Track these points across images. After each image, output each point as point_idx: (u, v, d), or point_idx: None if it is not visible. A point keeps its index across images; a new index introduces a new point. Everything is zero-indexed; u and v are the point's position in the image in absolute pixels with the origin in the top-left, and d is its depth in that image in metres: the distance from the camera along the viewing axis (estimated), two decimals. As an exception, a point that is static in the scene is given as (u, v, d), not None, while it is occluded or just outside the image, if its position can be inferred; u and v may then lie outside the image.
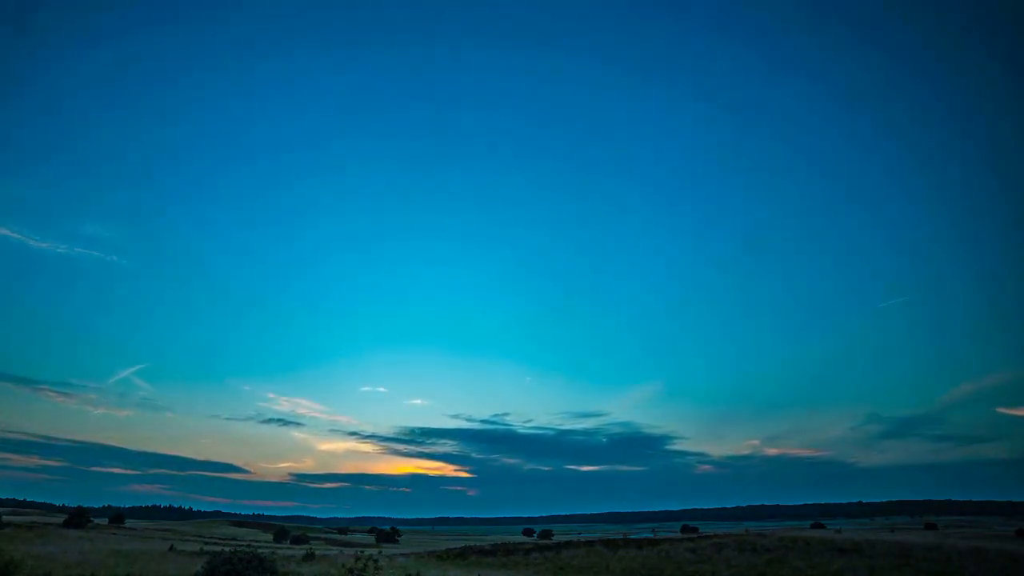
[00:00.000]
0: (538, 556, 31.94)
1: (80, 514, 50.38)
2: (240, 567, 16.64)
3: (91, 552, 27.24)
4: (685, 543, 32.76)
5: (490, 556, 33.66)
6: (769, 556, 27.43)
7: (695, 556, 28.54)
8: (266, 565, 17.24)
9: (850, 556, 26.49)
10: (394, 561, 29.61)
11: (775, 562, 26.08)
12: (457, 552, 35.92)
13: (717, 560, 27.30)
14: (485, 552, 35.40)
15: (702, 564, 26.66)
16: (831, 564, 24.93)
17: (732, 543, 31.32)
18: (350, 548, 46.44)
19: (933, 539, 37.74)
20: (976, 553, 26.27)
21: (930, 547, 27.98)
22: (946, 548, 27.73)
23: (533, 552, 33.72)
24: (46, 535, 36.53)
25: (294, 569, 23.40)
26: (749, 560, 26.83)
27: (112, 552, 27.89)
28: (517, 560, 31.36)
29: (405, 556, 34.85)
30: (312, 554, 30.39)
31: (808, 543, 29.92)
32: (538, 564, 29.66)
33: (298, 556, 29.60)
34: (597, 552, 31.77)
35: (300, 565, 25.24)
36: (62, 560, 22.84)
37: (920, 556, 25.73)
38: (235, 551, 17.86)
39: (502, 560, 31.87)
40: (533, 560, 30.85)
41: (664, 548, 31.27)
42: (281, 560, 24.23)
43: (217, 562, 16.77)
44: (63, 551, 26.83)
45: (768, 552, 28.40)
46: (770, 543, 30.51)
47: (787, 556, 27.19)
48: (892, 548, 27.89)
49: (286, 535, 60.86)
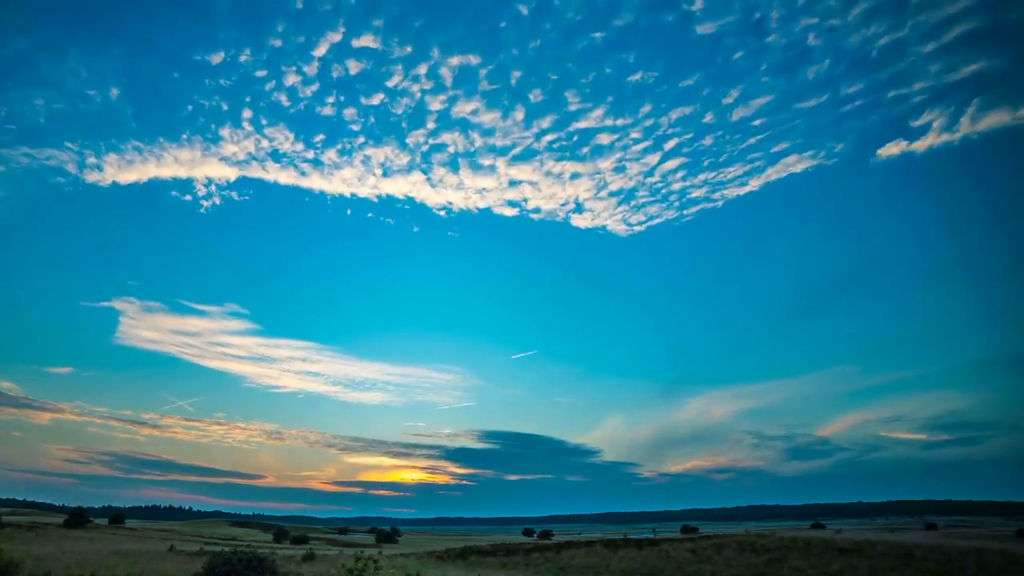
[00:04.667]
0: (538, 556, 31.95)
1: (80, 514, 50.41)
2: (240, 567, 16.65)
3: (91, 552, 27.26)
4: (685, 543, 32.75)
5: (490, 556, 33.68)
6: (769, 556, 27.43)
7: (695, 556, 28.54)
8: (266, 565, 17.25)
9: (850, 556, 26.48)
10: (394, 561, 29.63)
11: (775, 562, 26.08)
12: (457, 552, 35.94)
13: (717, 560, 27.30)
14: (485, 552, 35.42)
15: (702, 564, 26.66)
16: (831, 564, 24.93)
17: (732, 543, 31.32)
18: (350, 548, 46.48)
19: (933, 539, 37.76)
20: (976, 553, 26.26)
21: (930, 547, 27.96)
22: (946, 548, 27.72)
23: (533, 552, 33.73)
24: (46, 535, 36.58)
25: (294, 569, 23.42)
26: (749, 560, 26.83)
27: (112, 552, 27.91)
28: (517, 560, 31.37)
29: (405, 556, 34.86)
30: (312, 554, 30.40)
31: (808, 543, 29.91)
32: (538, 564, 29.66)
33: (298, 556, 29.62)
34: (597, 552, 31.78)
35: (300, 565, 25.26)
36: (62, 560, 22.85)
37: (920, 556, 25.72)
38: (235, 551, 17.86)
39: (502, 560, 31.88)
40: (533, 560, 30.86)
41: (664, 548, 31.28)
42: (281, 560, 24.24)
43: (217, 562, 16.79)
44: (63, 551, 26.86)
45: (768, 552, 28.40)
46: (770, 543, 30.51)
47: (787, 556, 27.19)
48: (892, 548, 27.88)
49: (286, 535, 60.91)
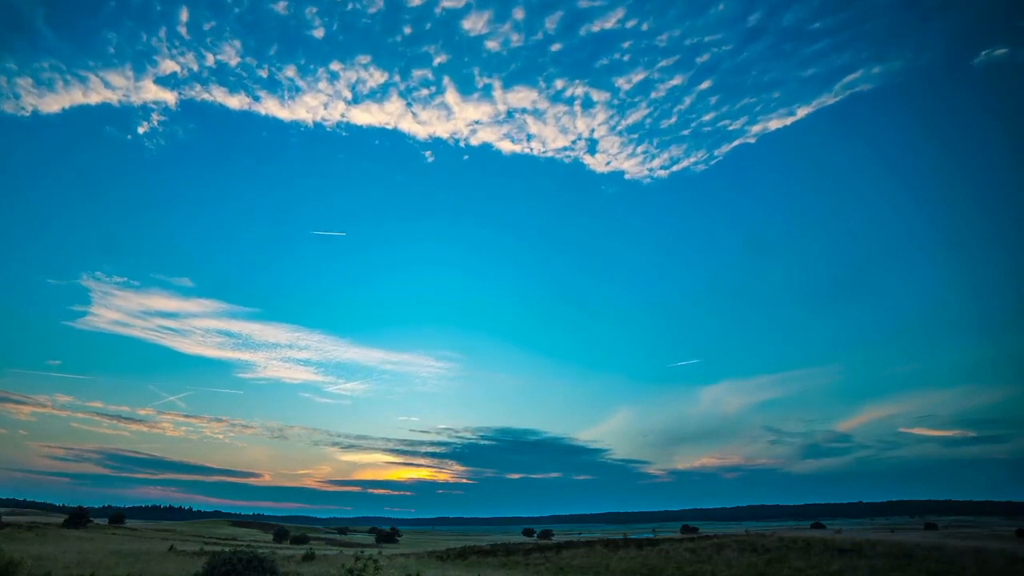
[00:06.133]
0: (538, 556, 31.95)
1: (80, 514, 50.44)
2: (240, 567, 16.65)
3: (91, 552, 27.27)
4: (685, 543, 32.75)
5: (490, 556, 33.67)
6: (769, 556, 27.42)
7: (695, 556, 28.53)
8: (266, 565, 17.25)
9: (850, 556, 26.48)
10: (394, 561, 29.64)
11: (775, 562, 26.06)
12: (457, 552, 35.94)
13: (717, 560, 27.30)
14: (485, 552, 35.42)
15: (702, 564, 26.66)
16: (831, 564, 24.91)
17: (732, 543, 31.31)
18: (350, 548, 46.48)
19: (933, 539, 37.74)
20: (977, 553, 26.24)
21: (930, 547, 27.95)
22: (947, 548, 27.71)
23: (533, 552, 33.73)
24: (46, 535, 36.59)
25: (294, 569, 23.43)
26: (749, 560, 26.82)
27: (112, 552, 27.92)
28: (517, 560, 31.37)
29: (405, 556, 34.87)
30: (312, 554, 30.42)
31: (808, 543, 29.90)
32: (538, 564, 29.66)
33: (298, 556, 29.63)
34: (597, 552, 31.78)
35: (300, 565, 25.27)
36: (62, 560, 22.87)
37: (921, 556, 25.71)
38: (235, 551, 17.87)
39: (502, 560, 31.88)
40: (533, 560, 30.85)
41: (664, 548, 31.27)
42: (281, 560, 24.26)
43: (217, 562, 16.79)
44: (63, 551, 26.87)
45: (768, 552, 28.40)
46: (770, 543, 30.50)
47: (787, 556, 27.18)
48: (892, 548, 27.87)
49: (286, 535, 60.91)
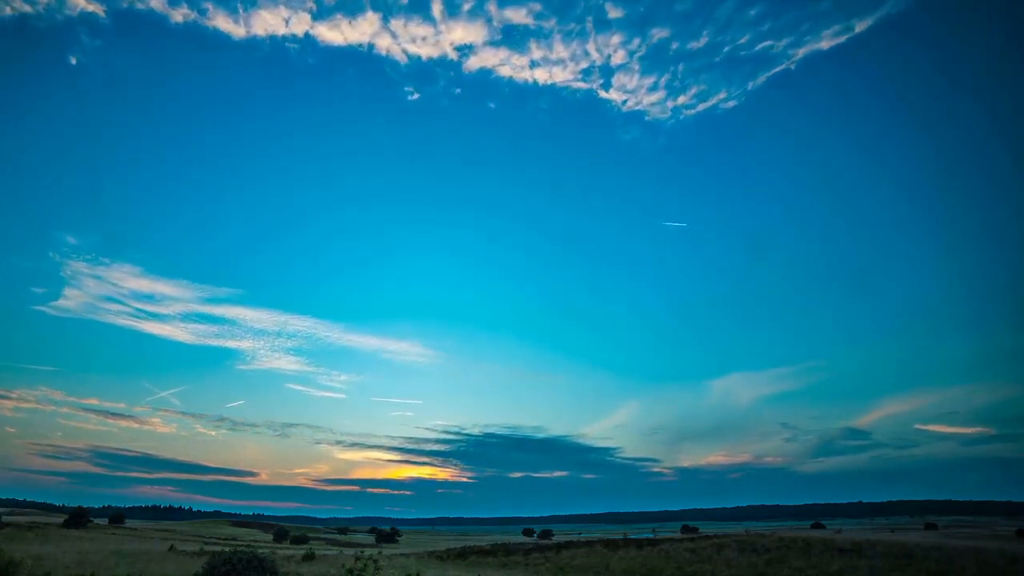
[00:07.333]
0: (538, 556, 31.95)
1: (80, 514, 50.45)
2: (240, 567, 16.66)
3: (91, 552, 27.28)
4: (685, 543, 32.75)
5: (490, 556, 33.67)
6: (769, 556, 27.42)
7: (695, 556, 28.53)
8: (266, 565, 17.26)
9: (850, 556, 26.48)
10: (394, 561, 29.64)
11: (775, 562, 26.07)
12: (457, 552, 35.95)
13: (717, 560, 27.30)
14: (485, 552, 35.42)
15: (702, 564, 26.66)
16: (831, 564, 24.91)
17: (732, 543, 31.31)
18: (350, 548, 46.48)
19: (934, 539, 37.74)
20: (977, 553, 26.25)
21: (930, 547, 27.96)
22: (947, 548, 27.72)
23: (533, 552, 33.74)
24: (46, 535, 36.60)
25: (294, 569, 23.43)
26: (749, 560, 26.82)
27: (112, 552, 27.93)
28: (517, 560, 31.37)
29: (405, 556, 34.87)
30: (312, 554, 30.42)
31: (808, 543, 29.90)
32: (538, 564, 29.66)
33: (298, 556, 29.64)
34: (597, 552, 31.78)
35: (300, 565, 25.27)
36: (62, 560, 22.88)
37: (921, 556, 25.72)
38: (235, 551, 17.88)
39: (502, 560, 31.88)
40: (533, 560, 30.85)
41: (664, 548, 31.27)
42: (281, 560, 24.27)
43: (217, 562, 16.80)
44: (63, 551, 26.88)
45: (768, 552, 28.40)
46: (770, 543, 30.50)
47: (787, 556, 27.19)
48: (892, 548, 27.88)
49: (286, 535, 60.89)
